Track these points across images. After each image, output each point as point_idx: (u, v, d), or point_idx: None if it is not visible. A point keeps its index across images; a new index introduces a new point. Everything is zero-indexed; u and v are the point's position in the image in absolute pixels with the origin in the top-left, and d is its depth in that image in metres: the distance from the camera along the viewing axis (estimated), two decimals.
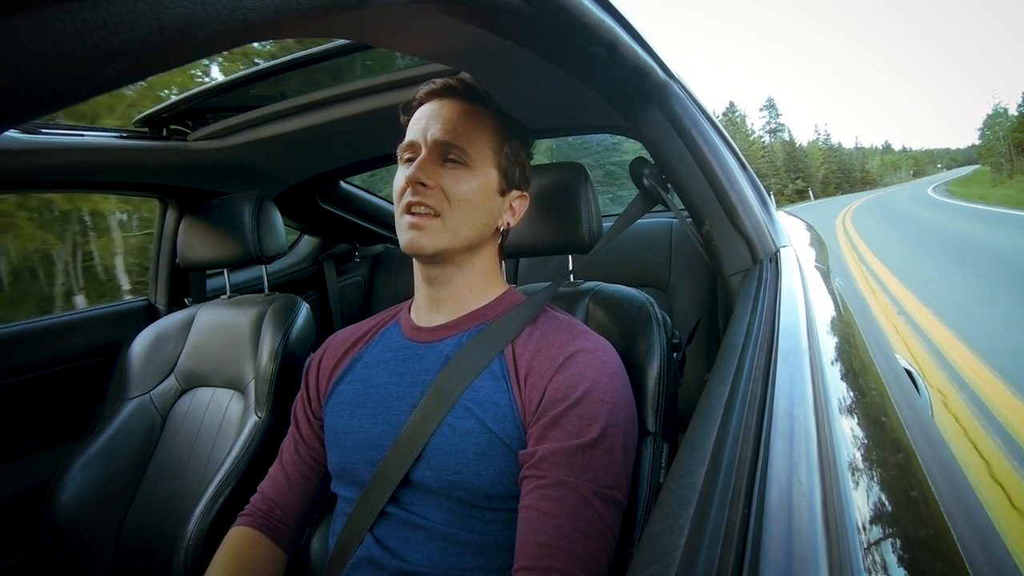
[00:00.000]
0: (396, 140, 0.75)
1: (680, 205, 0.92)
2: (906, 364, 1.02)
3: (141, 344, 1.27)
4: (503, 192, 0.75)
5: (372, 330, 0.82)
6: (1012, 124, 41.11)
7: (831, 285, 0.93)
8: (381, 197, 2.03)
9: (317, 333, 1.29)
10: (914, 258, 8.00)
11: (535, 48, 0.63)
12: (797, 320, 0.59)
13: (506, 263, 0.94)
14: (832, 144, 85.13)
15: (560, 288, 0.84)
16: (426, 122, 0.72)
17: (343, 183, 1.87)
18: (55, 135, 1.12)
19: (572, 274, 0.92)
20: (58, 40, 0.17)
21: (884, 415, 0.53)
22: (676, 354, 0.84)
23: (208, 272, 1.60)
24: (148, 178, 1.37)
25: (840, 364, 0.57)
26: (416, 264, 0.75)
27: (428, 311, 0.76)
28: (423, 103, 0.76)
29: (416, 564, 0.65)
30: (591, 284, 0.89)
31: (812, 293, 0.74)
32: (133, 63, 0.20)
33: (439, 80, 0.75)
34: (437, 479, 0.66)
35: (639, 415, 0.72)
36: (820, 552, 0.27)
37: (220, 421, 1.16)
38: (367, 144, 1.48)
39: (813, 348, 0.52)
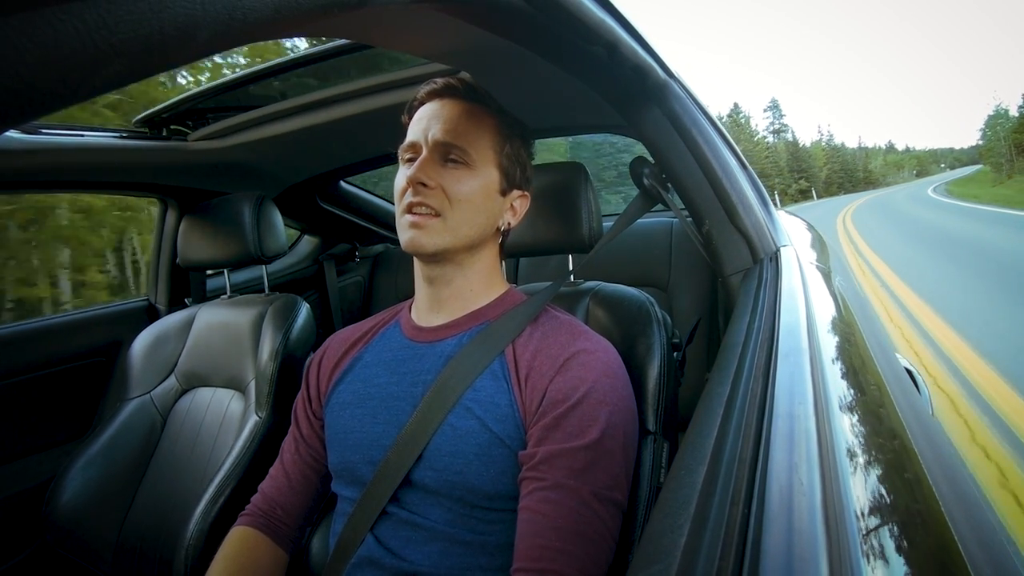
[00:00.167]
0: (396, 140, 0.75)
1: (680, 204, 0.92)
2: (906, 363, 1.02)
3: (141, 344, 1.28)
4: (504, 192, 0.75)
5: (372, 330, 0.82)
6: (1013, 125, 41.08)
7: (831, 284, 0.93)
8: (381, 197, 2.03)
9: (317, 333, 1.29)
10: (909, 254, 8.25)
11: (535, 48, 0.63)
12: (797, 319, 0.59)
13: (506, 262, 0.94)
14: (835, 144, 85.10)
15: (560, 288, 0.84)
16: (427, 122, 0.72)
17: (343, 183, 1.87)
18: (55, 135, 1.12)
19: (572, 274, 0.92)
20: (58, 40, 0.17)
21: (884, 414, 0.53)
22: (676, 354, 0.84)
23: (208, 272, 1.60)
24: (148, 178, 1.37)
25: (840, 363, 0.57)
26: (417, 264, 0.75)
27: (429, 311, 0.76)
28: (424, 103, 0.75)
29: (417, 564, 0.65)
30: (591, 284, 0.89)
31: (812, 292, 0.74)
32: (133, 63, 0.20)
33: (440, 80, 0.75)
34: (438, 479, 0.66)
35: (639, 415, 0.72)
36: (820, 551, 0.27)
37: (221, 421, 1.16)
38: (367, 144, 1.48)
39: (813, 347, 0.52)
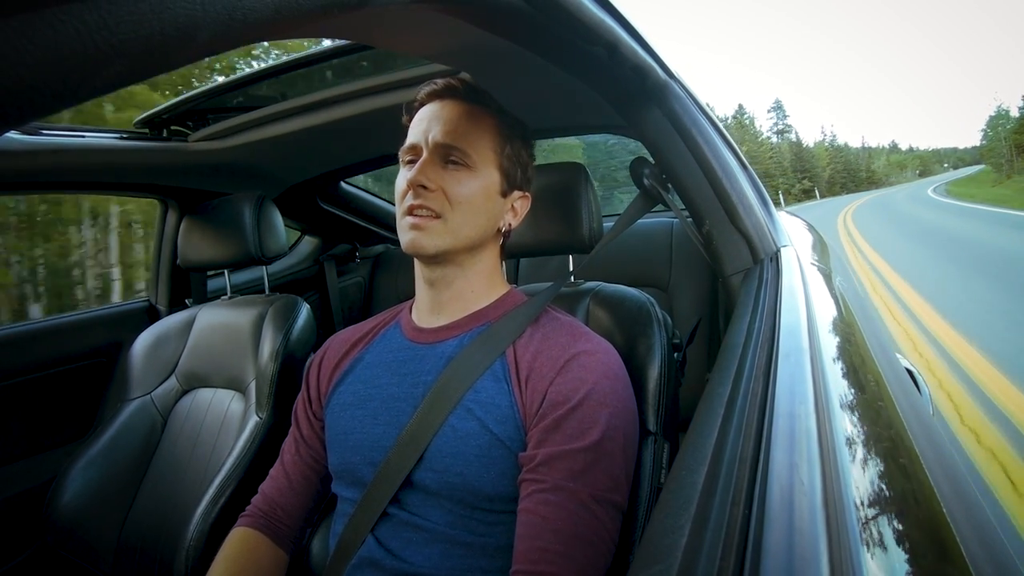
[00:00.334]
0: (397, 141, 0.75)
1: (680, 205, 0.92)
2: (907, 363, 1.02)
3: (142, 345, 1.28)
4: (504, 193, 0.75)
5: (373, 331, 0.82)
6: (1013, 126, 41.07)
7: (832, 285, 0.93)
8: (381, 197, 2.03)
9: (318, 333, 1.29)
10: (906, 250, 8.66)
11: (535, 48, 0.63)
12: (798, 320, 0.59)
13: (507, 263, 0.94)
14: (839, 144, 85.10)
15: (561, 288, 0.84)
16: (427, 124, 0.72)
17: (343, 183, 1.87)
18: (56, 136, 1.12)
19: (573, 274, 0.92)
20: (59, 41, 0.17)
21: (885, 414, 0.53)
22: (677, 354, 0.83)
23: (209, 273, 1.60)
24: (149, 179, 1.37)
25: (841, 363, 0.57)
26: (417, 266, 0.75)
27: (429, 312, 0.76)
28: (424, 104, 0.75)
29: (417, 565, 0.65)
30: (592, 284, 0.89)
31: (813, 293, 0.74)
32: (134, 64, 0.20)
33: (440, 80, 0.74)
34: (438, 480, 0.66)
35: (640, 415, 0.72)
36: (821, 551, 0.27)
37: (221, 422, 1.16)
38: (367, 145, 1.48)
39: (814, 348, 0.52)
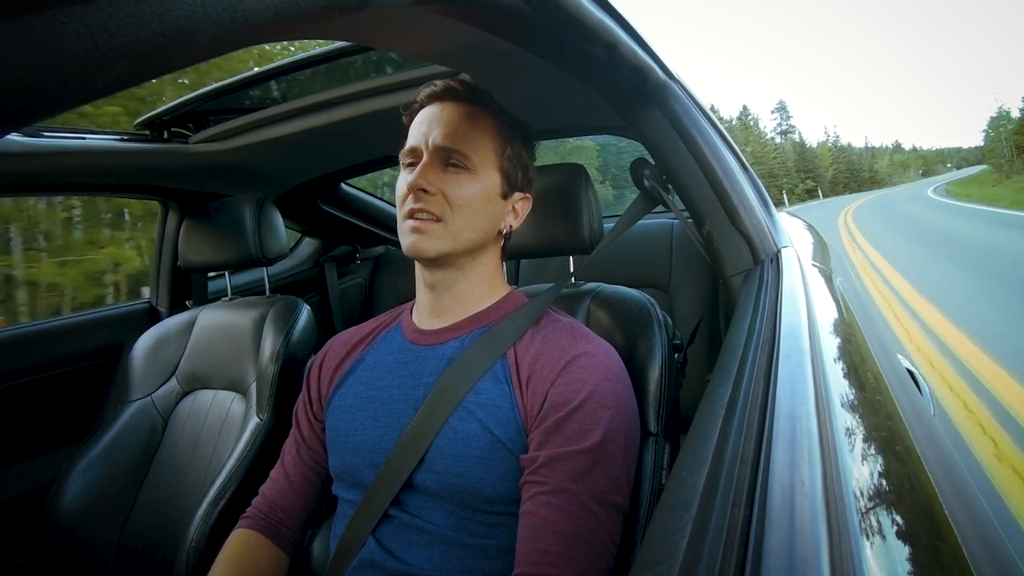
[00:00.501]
0: (397, 142, 0.75)
1: (681, 206, 0.92)
2: (908, 364, 1.02)
3: (143, 346, 1.28)
4: (505, 195, 0.75)
5: (374, 332, 0.82)
6: (1014, 127, 41.08)
7: (832, 285, 0.93)
8: (382, 199, 2.03)
9: (318, 335, 1.29)
10: (901, 247, 9.34)
11: (535, 49, 0.63)
12: (799, 320, 0.59)
13: (507, 264, 0.94)
14: (842, 144, 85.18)
15: (562, 289, 0.84)
16: (427, 126, 0.72)
17: (344, 185, 1.87)
18: (57, 138, 1.12)
19: (573, 275, 0.92)
20: (60, 43, 0.17)
21: (886, 415, 0.52)
22: (677, 355, 0.83)
23: (209, 274, 1.60)
24: (149, 180, 1.38)
25: (842, 364, 0.57)
26: (418, 269, 0.75)
27: (430, 314, 0.76)
28: (424, 106, 0.75)
29: (418, 567, 0.65)
30: (592, 285, 0.89)
31: (813, 293, 0.74)
32: (135, 66, 0.20)
33: (440, 82, 0.74)
34: (439, 482, 0.66)
35: (641, 416, 0.72)
36: (823, 552, 0.27)
37: (222, 423, 1.16)
38: (368, 146, 1.48)
39: (815, 348, 0.52)
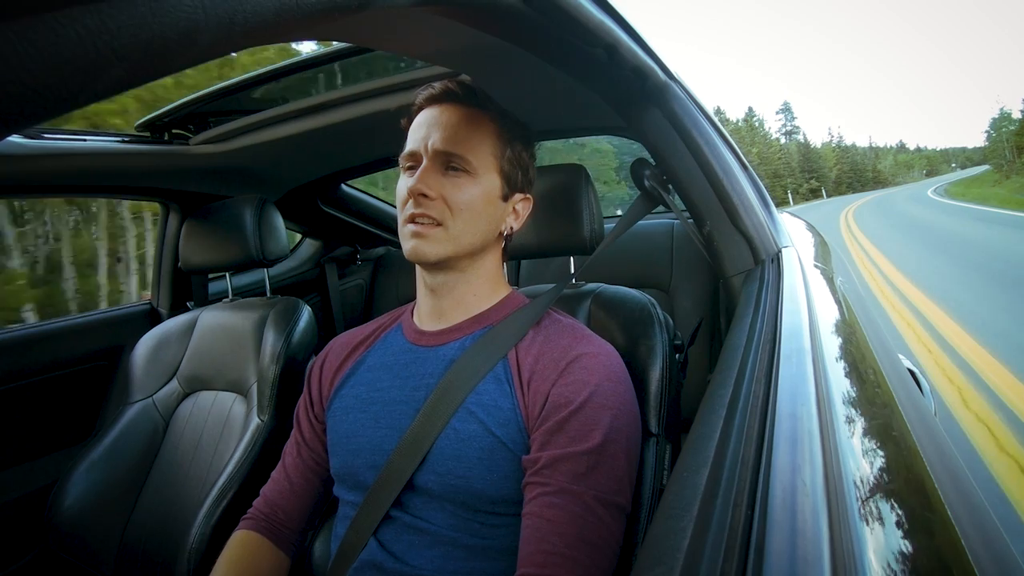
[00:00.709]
0: (398, 143, 0.74)
1: (681, 206, 0.92)
2: (909, 364, 1.02)
3: (144, 348, 1.28)
4: (506, 197, 0.74)
5: (375, 333, 0.82)
6: (1016, 127, 41.08)
7: (833, 285, 0.93)
8: (382, 200, 2.03)
9: (319, 336, 1.29)
10: (896, 242, 10.01)
11: (535, 50, 0.63)
12: (799, 320, 0.59)
13: (508, 264, 0.94)
14: (845, 145, 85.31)
15: (562, 290, 0.84)
16: (426, 130, 0.71)
17: (344, 186, 1.87)
18: (57, 139, 1.13)
19: (574, 276, 0.92)
20: (60, 45, 0.17)
21: (888, 415, 0.52)
22: (678, 355, 0.83)
23: (210, 276, 1.60)
24: (150, 182, 1.38)
25: (843, 364, 0.57)
26: (419, 272, 0.75)
27: (431, 316, 0.76)
28: (423, 108, 0.74)
29: (420, 568, 0.65)
30: (593, 285, 0.89)
31: (814, 293, 0.74)
32: (135, 68, 0.20)
33: (438, 85, 0.73)
34: (441, 483, 0.65)
35: (642, 417, 0.72)
36: (824, 553, 0.27)
37: (223, 424, 1.16)
38: (368, 147, 1.48)
39: (816, 348, 0.52)
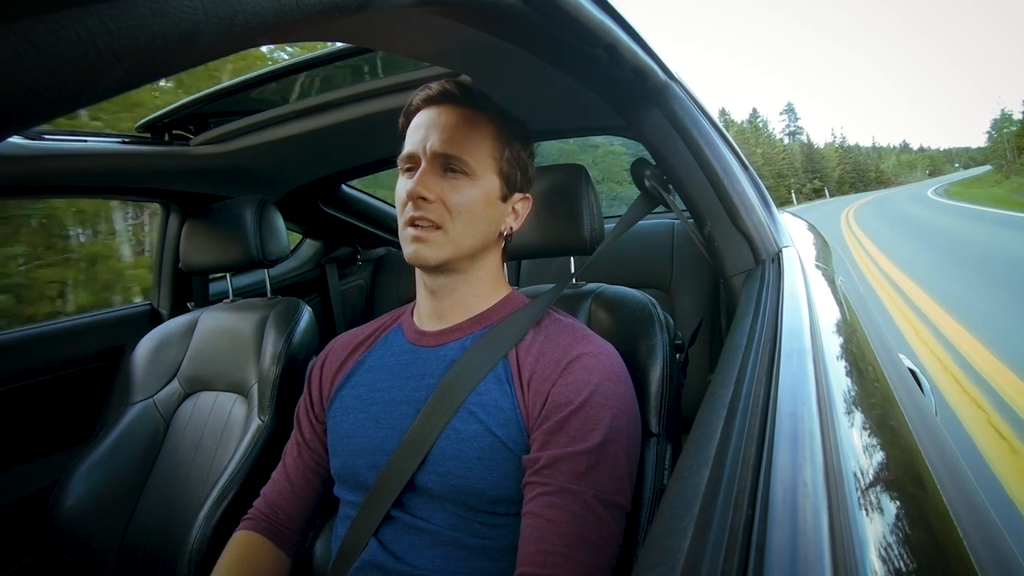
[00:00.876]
0: (397, 144, 0.74)
1: (682, 206, 0.92)
2: (910, 363, 1.01)
3: (144, 348, 1.28)
4: (505, 198, 0.74)
5: (375, 334, 0.82)
6: (1017, 128, 41.14)
7: (834, 285, 0.93)
8: (382, 200, 2.03)
9: (320, 336, 1.29)
10: (893, 238, 10.56)
11: (535, 50, 0.63)
12: (800, 320, 0.59)
13: (508, 265, 0.94)
14: (848, 145, 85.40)
15: (563, 290, 0.84)
16: (424, 132, 0.71)
17: (344, 186, 1.88)
18: (58, 141, 1.13)
19: (574, 276, 0.92)
20: (60, 46, 0.17)
21: (888, 415, 0.52)
22: (679, 355, 0.83)
23: (211, 276, 1.60)
24: (151, 183, 1.38)
25: (844, 364, 0.57)
26: (419, 273, 0.75)
27: (431, 317, 0.76)
28: (420, 109, 0.74)
29: (420, 568, 0.65)
30: (593, 285, 0.89)
31: (815, 293, 0.74)
32: (135, 69, 0.20)
33: (435, 86, 0.73)
34: (441, 483, 0.66)
35: (642, 417, 0.72)
36: (825, 553, 0.27)
37: (223, 425, 1.17)
38: (368, 147, 1.48)
39: (816, 348, 0.52)
